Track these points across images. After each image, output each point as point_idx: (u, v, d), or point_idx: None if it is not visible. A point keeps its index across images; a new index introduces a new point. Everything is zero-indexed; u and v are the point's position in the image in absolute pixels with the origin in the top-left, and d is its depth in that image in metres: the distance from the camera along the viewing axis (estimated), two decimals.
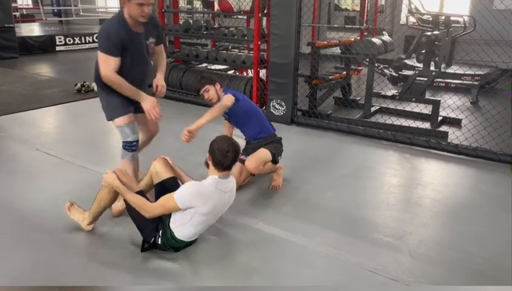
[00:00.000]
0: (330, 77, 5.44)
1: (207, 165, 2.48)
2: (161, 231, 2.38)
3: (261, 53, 5.58)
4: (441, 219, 3.05)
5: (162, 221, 2.39)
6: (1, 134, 4.53)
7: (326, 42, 5.50)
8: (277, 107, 5.18)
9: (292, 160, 4.05)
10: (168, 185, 2.53)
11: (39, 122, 5.16)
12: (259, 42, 5.42)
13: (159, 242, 2.39)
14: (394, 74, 6.35)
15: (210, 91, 3.20)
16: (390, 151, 4.34)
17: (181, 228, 2.35)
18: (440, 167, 3.99)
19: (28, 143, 4.25)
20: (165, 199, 2.32)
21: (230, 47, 6.55)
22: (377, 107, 5.62)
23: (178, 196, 2.28)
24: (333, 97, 6.14)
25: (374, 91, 5.38)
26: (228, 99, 3.14)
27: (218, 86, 3.24)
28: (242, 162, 3.23)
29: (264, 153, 3.24)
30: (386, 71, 6.34)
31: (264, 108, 5.45)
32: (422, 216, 3.04)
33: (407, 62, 7.13)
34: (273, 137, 3.42)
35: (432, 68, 5.61)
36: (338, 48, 5.90)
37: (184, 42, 8.75)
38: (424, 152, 4.30)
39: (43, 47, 11.10)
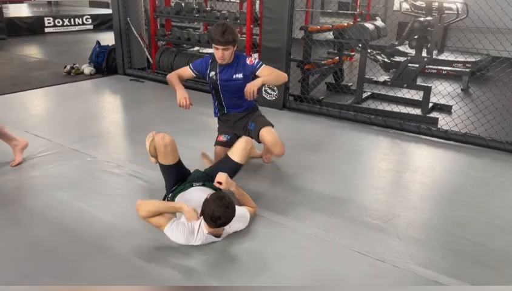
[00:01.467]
0: (322, 62, 5.42)
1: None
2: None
3: (254, 37, 5.53)
4: (429, 203, 3.09)
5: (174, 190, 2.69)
6: None
7: (319, 27, 5.46)
8: (269, 92, 5.16)
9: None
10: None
11: (27, 104, 5.09)
12: (251, 26, 5.37)
13: None
14: (386, 60, 6.35)
15: (229, 51, 2.95)
16: (381, 137, 4.37)
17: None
18: (429, 152, 4.03)
19: (17, 126, 4.19)
20: (158, 223, 2.36)
21: None
22: (369, 93, 5.63)
23: (167, 231, 2.34)
24: (326, 82, 6.13)
25: (366, 76, 5.38)
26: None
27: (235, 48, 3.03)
28: (227, 144, 3.17)
29: (271, 128, 3.24)
30: (378, 57, 6.33)
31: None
32: (410, 200, 3.08)
33: (400, 48, 7.12)
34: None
35: (424, 54, 5.61)
36: (331, 33, 5.87)
37: (176, 25, 8.64)
38: (414, 137, 4.33)
39: (31, 28, 10.92)
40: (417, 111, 5.01)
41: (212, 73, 3.10)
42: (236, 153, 2.84)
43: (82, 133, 4.15)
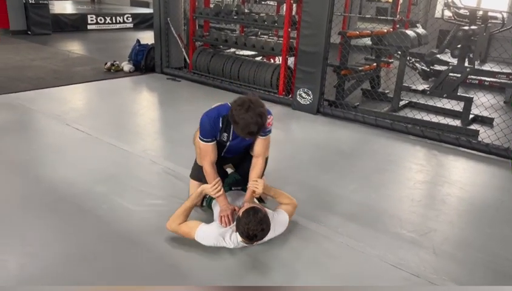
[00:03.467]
0: (359, 68, 5.34)
1: None
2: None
3: (290, 40, 5.52)
4: (467, 218, 2.98)
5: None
6: (33, 108, 4.65)
7: (357, 32, 5.39)
8: (304, 96, 5.13)
9: (315, 150, 4.03)
10: None
11: (69, 98, 5.27)
12: (289, 29, 5.36)
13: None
14: (425, 68, 6.19)
15: None
16: (418, 147, 4.25)
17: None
18: (468, 166, 3.89)
19: (59, 119, 4.35)
20: (188, 228, 2.38)
21: (259, 33, 6.51)
22: (406, 101, 5.50)
23: (198, 235, 2.34)
24: (362, 89, 6.05)
25: (404, 84, 5.26)
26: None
27: None
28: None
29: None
30: (417, 65, 6.18)
31: (290, 96, 5.41)
32: (448, 214, 2.98)
33: (440, 56, 6.93)
34: None
35: (466, 64, 5.43)
36: (369, 39, 5.78)
37: (214, 26, 8.74)
38: (453, 149, 4.19)
39: (75, 25, 11.31)
40: (457, 123, 4.85)
41: (225, 135, 2.58)
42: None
43: (120, 128, 4.26)
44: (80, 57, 7.82)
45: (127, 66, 6.68)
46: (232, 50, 6.73)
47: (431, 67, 6.35)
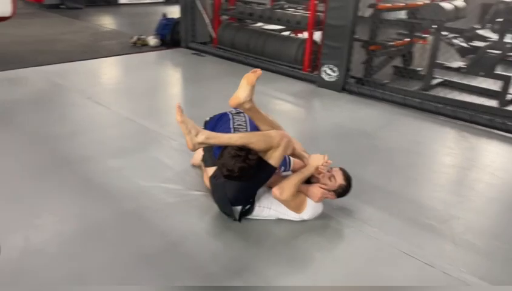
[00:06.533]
0: (390, 43, 5.05)
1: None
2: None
3: (318, 13, 5.27)
4: (495, 207, 2.78)
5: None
6: (58, 82, 4.71)
7: (390, 5, 5.07)
8: (329, 73, 4.92)
9: (336, 129, 3.88)
10: None
11: (93, 73, 5.30)
12: (316, 1, 5.12)
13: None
14: (463, 44, 5.79)
15: None
16: (447, 128, 4.01)
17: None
18: (502, 150, 3.63)
19: (81, 92, 4.38)
20: (300, 203, 2.37)
21: (286, 6, 6.27)
22: (440, 80, 5.18)
23: (307, 212, 2.38)
24: (393, 65, 5.75)
25: (438, 62, 4.94)
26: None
27: None
28: None
29: None
30: (454, 41, 5.78)
31: (316, 73, 5.21)
32: (473, 201, 2.79)
33: (481, 32, 6.46)
34: None
35: (507, 40, 5.03)
36: (403, 12, 5.45)
37: None
38: (486, 132, 3.92)
39: None
40: (493, 103, 4.53)
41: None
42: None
43: (140, 103, 4.25)
44: (109, 31, 7.86)
45: (152, 40, 6.65)
46: (259, 24, 6.54)
47: (470, 44, 5.95)
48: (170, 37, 6.69)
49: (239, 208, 2.31)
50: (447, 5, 4.79)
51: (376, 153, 3.42)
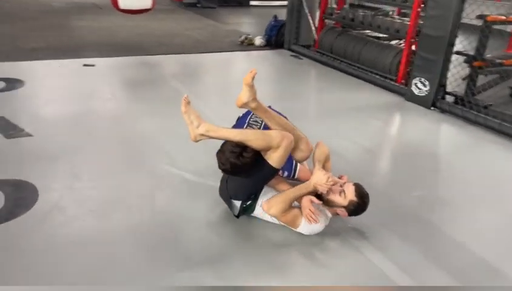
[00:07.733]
0: (499, 61, 4.37)
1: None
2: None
3: (421, 22, 4.84)
4: None
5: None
6: (157, 70, 5.29)
7: (503, 17, 4.39)
8: (419, 86, 4.50)
9: (403, 147, 3.57)
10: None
11: (193, 65, 5.78)
12: (418, 9, 4.71)
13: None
14: None
15: None
16: None
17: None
18: None
19: (173, 79, 4.84)
20: (293, 219, 2.25)
21: (390, 13, 5.87)
22: None
23: (303, 227, 2.24)
24: (510, 87, 4.97)
25: None
26: None
27: None
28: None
29: None
30: None
31: (406, 85, 4.80)
32: None
33: None
34: None
35: None
36: None
37: (363, 4, 8.18)
38: None
39: (239, 0, 12.13)
40: None
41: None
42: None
43: (217, 98, 4.52)
44: (227, 30, 8.41)
45: (258, 40, 6.93)
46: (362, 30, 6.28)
47: None
48: (276, 38, 6.88)
49: (238, 203, 2.34)
50: None
51: (434, 179, 3.04)
